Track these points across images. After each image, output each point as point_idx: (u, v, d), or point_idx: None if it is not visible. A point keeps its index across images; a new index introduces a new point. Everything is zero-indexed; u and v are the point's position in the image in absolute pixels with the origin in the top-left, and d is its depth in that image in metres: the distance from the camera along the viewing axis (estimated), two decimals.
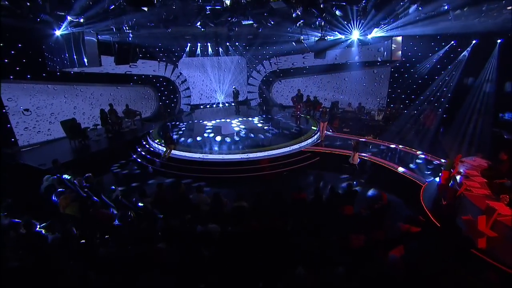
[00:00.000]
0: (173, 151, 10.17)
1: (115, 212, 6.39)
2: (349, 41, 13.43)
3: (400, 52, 9.99)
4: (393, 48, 9.83)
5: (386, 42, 10.99)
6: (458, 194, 5.50)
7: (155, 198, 6.49)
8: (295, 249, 4.63)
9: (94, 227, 5.48)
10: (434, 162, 9.05)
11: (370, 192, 8.11)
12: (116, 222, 5.56)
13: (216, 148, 10.38)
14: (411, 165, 8.82)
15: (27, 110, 10.56)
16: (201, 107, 18.22)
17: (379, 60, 12.69)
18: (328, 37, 14.00)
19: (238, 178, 9.17)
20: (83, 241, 4.83)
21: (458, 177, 6.28)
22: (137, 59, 10.12)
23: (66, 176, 7.52)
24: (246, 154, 9.72)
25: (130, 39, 8.90)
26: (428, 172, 8.31)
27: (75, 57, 6.54)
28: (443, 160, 9.02)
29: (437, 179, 7.36)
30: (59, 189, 6.21)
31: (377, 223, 5.84)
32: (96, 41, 6.56)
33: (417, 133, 11.87)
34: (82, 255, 4.52)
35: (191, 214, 5.95)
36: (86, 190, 7.05)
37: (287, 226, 5.40)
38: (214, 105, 18.49)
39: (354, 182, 8.48)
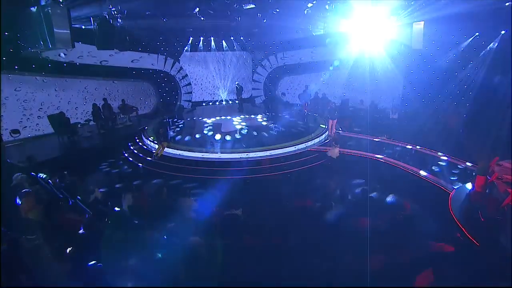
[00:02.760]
0: (167, 149, 9.30)
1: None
2: None
3: (422, 40, 8.80)
4: (413, 36, 8.67)
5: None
6: (503, 205, 4.40)
7: (134, 203, 5.57)
8: (297, 273, 3.67)
9: (56, 236, 4.58)
10: (459, 166, 7.91)
11: (389, 199, 7.01)
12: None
13: (213, 147, 9.46)
14: (433, 169, 7.71)
15: (15, 132, 9.72)
16: (203, 104, 17.33)
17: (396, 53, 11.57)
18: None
19: (237, 180, 8.22)
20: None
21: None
22: (127, 46, 9.25)
23: (41, 175, 6.70)
24: (246, 154, 8.76)
25: (118, 23, 8.05)
26: (454, 178, 7.17)
27: (46, 35, 5.69)
28: (468, 164, 7.90)
29: (468, 185, 6.24)
30: (24, 190, 5.34)
31: (399, 240, 4.79)
32: (67, 14, 5.73)
33: (437, 133, 10.68)
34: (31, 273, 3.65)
35: (175, 223, 5.06)
36: (61, 190, 6.23)
37: (287, 242, 4.41)
38: (217, 103, 17.59)
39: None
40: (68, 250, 3.99)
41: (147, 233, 4.65)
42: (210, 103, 17.49)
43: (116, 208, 5.68)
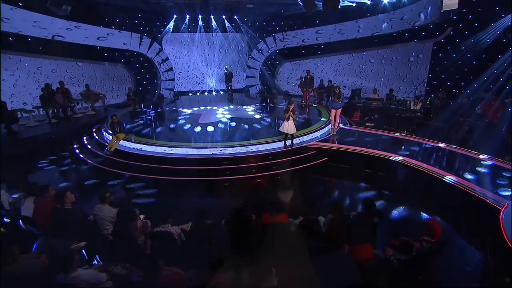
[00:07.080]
0: (122, 142, 7.98)
1: None
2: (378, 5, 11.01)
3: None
4: None
5: None
6: None
7: (34, 211, 4.19)
8: None
9: None
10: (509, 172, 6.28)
11: (411, 215, 5.47)
12: None
13: (182, 140, 8.11)
14: (473, 175, 6.12)
15: None
16: (190, 94, 15.98)
17: (420, 24, 10.04)
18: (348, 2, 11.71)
19: (206, 183, 6.87)
20: None
21: None
22: (66, 10, 7.86)
23: None
24: (219, 149, 7.32)
25: None
26: (504, 188, 5.56)
27: None
28: None
29: None
30: None
31: (423, 281, 3.29)
32: None
33: (474, 130, 9.06)
34: None
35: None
36: None
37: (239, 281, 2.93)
38: (206, 92, 16.22)
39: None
40: None
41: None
42: (198, 93, 16.14)
43: (6, 219, 4.31)
